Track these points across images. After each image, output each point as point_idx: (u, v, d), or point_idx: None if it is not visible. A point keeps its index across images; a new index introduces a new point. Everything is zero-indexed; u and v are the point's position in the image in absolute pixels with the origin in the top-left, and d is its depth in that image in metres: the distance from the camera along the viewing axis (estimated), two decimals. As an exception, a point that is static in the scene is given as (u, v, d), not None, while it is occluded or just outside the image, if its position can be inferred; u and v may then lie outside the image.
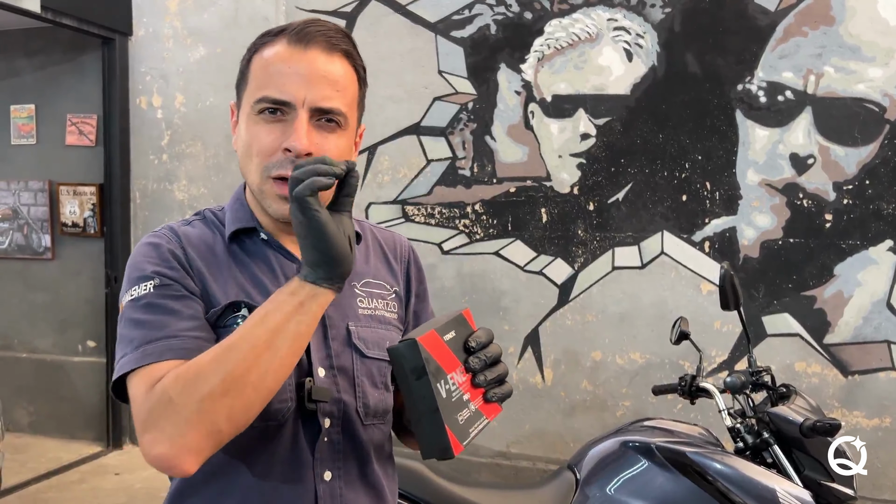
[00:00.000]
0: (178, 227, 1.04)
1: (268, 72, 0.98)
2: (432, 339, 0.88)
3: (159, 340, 0.91)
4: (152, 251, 0.99)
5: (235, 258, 1.03)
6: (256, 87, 0.99)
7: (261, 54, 1.00)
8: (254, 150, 0.98)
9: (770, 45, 3.34)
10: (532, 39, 3.64)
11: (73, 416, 4.43)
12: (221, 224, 1.06)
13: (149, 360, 0.90)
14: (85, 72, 4.39)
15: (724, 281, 2.08)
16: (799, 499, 1.82)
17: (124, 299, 0.96)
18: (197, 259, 1.00)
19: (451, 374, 0.89)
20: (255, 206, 1.05)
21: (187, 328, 0.93)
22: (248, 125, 0.99)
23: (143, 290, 0.95)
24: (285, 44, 0.99)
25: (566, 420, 3.69)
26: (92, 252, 4.41)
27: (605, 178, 3.59)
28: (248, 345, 0.86)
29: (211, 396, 0.84)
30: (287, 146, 0.96)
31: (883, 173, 3.24)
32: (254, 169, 0.99)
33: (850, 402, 3.31)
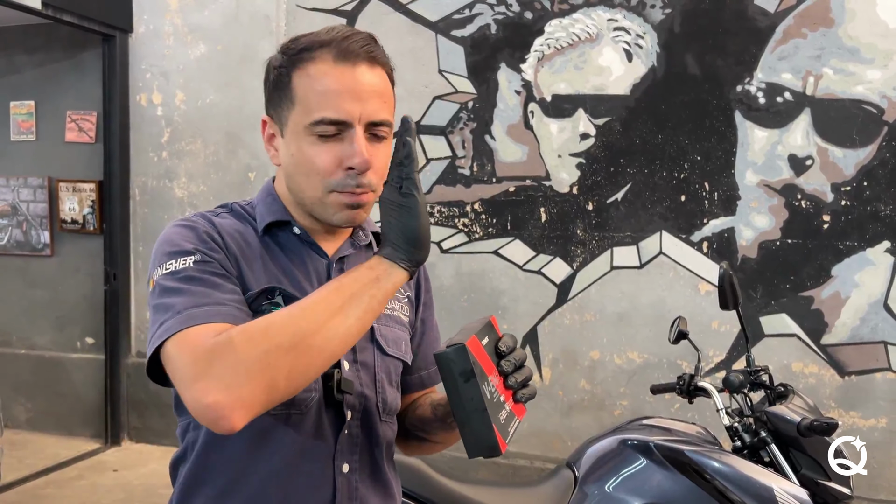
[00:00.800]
0: (207, 214, 1.05)
1: (320, 92, 0.98)
2: (475, 344, 0.93)
3: (206, 305, 0.90)
4: (189, 232, 0.98)
5: (268, 249, 1.04)
6: (310, 109, 0.98)
7: (305, 72, 0.99)
8: (312, 168, 0.99)
9: (769, 46, 3.35)
10: (532, 39, 3.65)
11: (72, 413, 4.43)
12: (251, 217, 1.07)
13: (195, 322, 0.87)
14: (85, 69, 4.39)
15: (724, 280, 2.09)
16: (796, 497, 1.83)
17: (158, 272, 0.94)
18: (232, 245, 1.01)
19: (490, 376, 0.94)
20: (288, 201, 1.06)
21: (229, 299, 0.92)
22: (303, 146, 0.99)
23: (183, 264, 0.93)
24: (331, 62, 0.98)
25: (564, 419, 3.70)
26: (91, 249, 4.41)
27: (604, 178, 3.60)
28: (322, 307, 0.87)
29: (278, 349, 0.83)
30: (351, 164, 0.98)
31: (881, 175, 3.25)
32: (313, 186, 1.00)
33: (847, 403, 3.33)
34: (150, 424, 4.31)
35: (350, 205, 1.00)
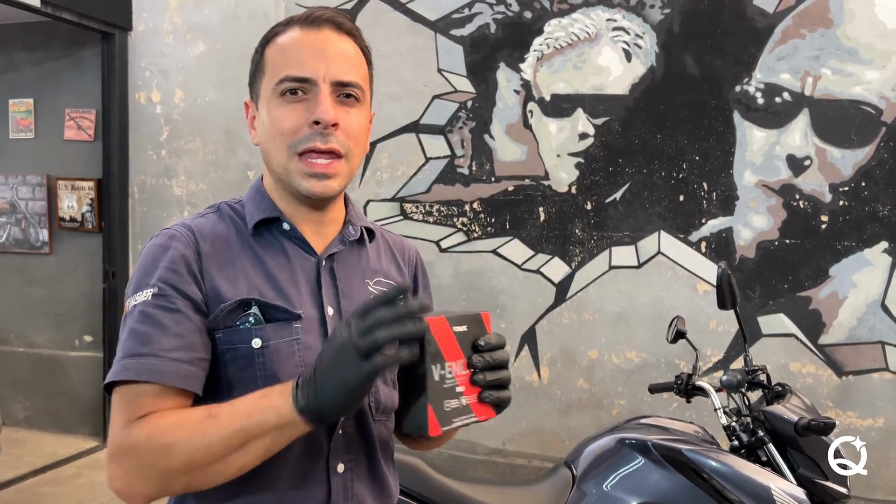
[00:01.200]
0: (192, 220, 1.05)
1: (285, 54, 1.01)
2: (440, 324, 0.91)
3: (141, 357, 0.94)
4: (160, 253, 0.99)
5: (252, 252, 1.03)
6: (276, 71, 1.01)
7: (275, 42, 1.03)
8: (278, 130, 1.00)
9: (768, 46, 3.36)
10: (531, 39, 3.65)
11: (70, 411, 4.43)
12: (239, 217, 1.07)
13: (128, 375, 0.94)
14: (84, 67, 4.39)
15: (722, 280, 2.09)
16: (793, 497, 1.84)
17: (129, 303, 0.99)
18: (209, 255, 1.01)
19: (450, 362, 0.92)
20: (276, 196, 1.06)
21: (170, 347, 0.94)
22: (271, 109, 1.01)
23: (142, 297, 0.97)
24: (298, 28, 1.02)
25: (562, 418, 3.71)
26: (90, 247, 4.41)
27: (602, 177, 3.60)
28: (224, 443, 0.89)
29: (175, 471, 0.90)
30: (315, 118, 0.98)
31: (879, 175, 3.26)
32: (278, 148, 1.01)
33: (844, 403, 3.34)
34: (148, 423, 4.30)
35: (313, 174, 1.00)
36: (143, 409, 0.94)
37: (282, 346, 0.99)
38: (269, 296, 1.00)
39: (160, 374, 0.93)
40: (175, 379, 0.94)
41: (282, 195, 1.06)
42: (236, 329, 0.98)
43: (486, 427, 3.80)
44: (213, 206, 1.10)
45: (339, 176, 1.01)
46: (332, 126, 0.98)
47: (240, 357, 0.99)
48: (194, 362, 0.96)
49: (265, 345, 0.99)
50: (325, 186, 1.01)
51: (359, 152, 1.05)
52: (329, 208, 1.08)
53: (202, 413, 0.91)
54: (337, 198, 1.08)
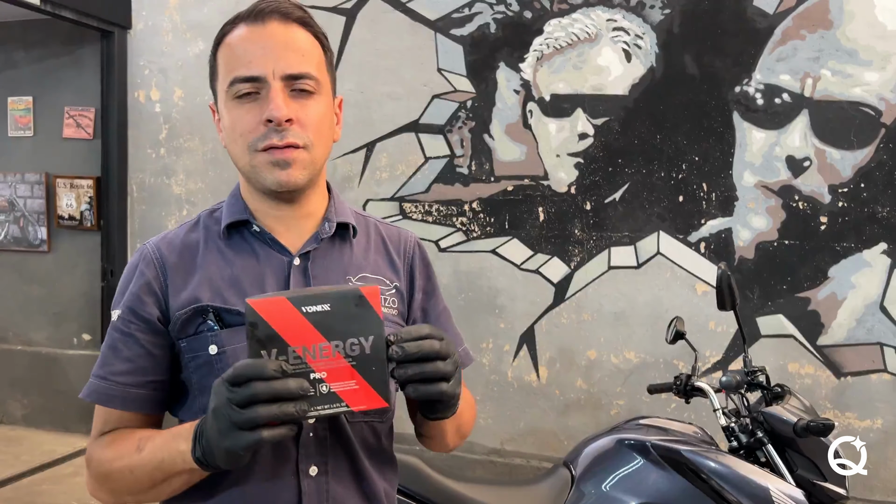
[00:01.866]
0: (167, 233, 1.10)
1: (233, 55, 1.00)
2: (277, 305, 0.83)
3: (97, 378, 1.04)
4: (129, 272, 1.06)
5: (220, 256, 1.05)
6: (227, 73, 1.00)
7: (224, 43, 1.02)
8: (237, 132, 0.99)
9: (768, 47, 3.36)
10: (531, 39, 3.65)
11: (68, 409, 4.42)
12: (216, 222, 1.09)
13: (84, 393, 1.05)
14: (83, 65, 4.38)
15: (722, 281, 2.09)
16: (792, 497, 1.84)
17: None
18: (175, 267, 1.04)
19: (297, 346, 0.84)
20: (249, 198, 1.07)
21: (119, 371, 1.02)
22: (228, 111, 1.01)
23: (114, 316, 1.05)
24: (243, 25, 1.01)
25: (560, 418, 3.71)
26: (88, 245, 4.41)
27: (602, 177, 3.60)
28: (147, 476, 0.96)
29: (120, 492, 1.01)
30: (267, 117, 0.96)
31: (878, 177, 3.26)
32: (241, 150, 1.01)
33: (843, 404, 3.34)
34: (146, 421, 4.30)
35: (275, 162, 0.98)
36: (107, 424, 1.04)
37: (239, 350, 0.97)
38: (229, 300, 1.00)
39: (107, 399, 1.02)
40: (122, 404, 1.02)
41: (254, 195, 1.06)
42: (196, 336, 1.01)
43: (485, 427, 3.80)
44: (196, 216, 1.14)
45: (299, 163, 0.99)
46: (286, 122, 0.97)
47: (201, 365, 1.00)
48: (144, 385, 1.02)
49: (221, 350, 0.99)
50: (289, 175, 0.99)
51: (322, 142, 1.03)
52: (301, 203, 1.06)
53: (133, 446, 0.98)
54: (309, 191, 1.06)
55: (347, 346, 0.85)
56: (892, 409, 3.29)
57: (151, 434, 0.99)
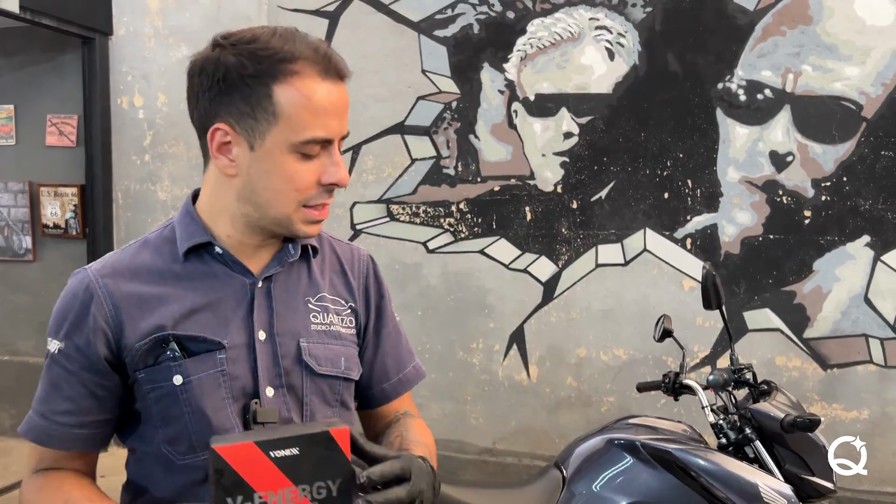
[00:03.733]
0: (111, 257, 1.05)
1: (312, 111, 0.94)
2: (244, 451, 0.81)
3: (37, 416, 1.02)
4: (71, 304, 1.01)
5: (177, 281, 1.00)
6: (301, 127, 0.94)
7: (292, 87, 0.94)
8: (292, 186, 0.96)
9: (749, 44, 3.38)
10: (515, 39, 3.66)
11: (57, 419, 4.40)
12: (169, 242, 1.04)
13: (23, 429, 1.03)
14: (65, 72, 4.35)
15: (707, 281, 2.11)
16: (780, 493, 1.86)
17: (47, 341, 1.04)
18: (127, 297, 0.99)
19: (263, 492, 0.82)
20: (211, 219, 1.02)
21: (61, 410, 1.00)
22: (285, 163, 0.95)
23: (51, 348, 1.02)
24: (318, 79, 0.95)
25: (551, 416, 3.72)
26: (74, 254, 4.37)
27: (588, 176, 3.62)
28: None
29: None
30: (333, 181, 0.97)
31: (860, 170, 3.30)
32: (286, 201, 0.97)
33: (829, 396, 3.38)
34: (136, 429, 4.28)
35: (315, 220, 1.00)
36: (42, 462, 1.03)
37: (205, 379, 0.97)
38: (190, 328, 0.98)
39: (48, 439, 1.01)
40: (60, 444, 1.00)
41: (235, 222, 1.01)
42: (158, 367, 0.97)
43: (476, 427, 3.81)
44: (144, 235, 1.09)
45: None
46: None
47: (164, 395, 0.97)
48: (86, 425, 1.01)
49: (187, 380, 0.97)
50: (318, 229, 1.03)
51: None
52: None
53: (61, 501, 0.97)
54: None
55: (314, 489, 0.84)
56: (878, 400, 3.33)
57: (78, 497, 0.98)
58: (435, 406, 3.84)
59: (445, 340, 3.80)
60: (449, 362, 3.80)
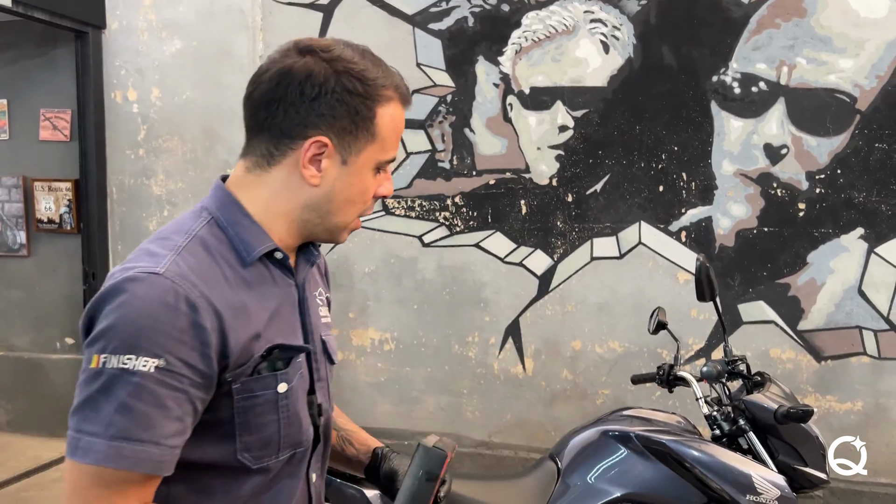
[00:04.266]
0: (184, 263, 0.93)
1: (396, 134, 1.02)
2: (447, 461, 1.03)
3: (141, 443, 0.87)
4: (165, 315, 0.88)
5: (247, 287, 0.98)
6: (387, 148, 1.02)
7: (387, 111, 1.00)
8: (362, 198, 1.03)
9: (744, 36, 3.38)
10: (510, 32, 3.65)
11: (53, 414, 4.38)
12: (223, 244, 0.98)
13: (123, 464, 0.86)
14: (58, 66, 4.32)
15: (700, 273, 2.12)
16: (774, 483, 1.88)
17: (113, 360, 0.87)
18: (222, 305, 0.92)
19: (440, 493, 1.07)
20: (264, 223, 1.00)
21: (170, 433, 0.88)
22: (366, 178, 1.02)
23: (142, 366, 0.86)
24: (399, 106, 1.03)
25: (547, 409, 3.73)
26: (68, 248, 4.36)
27: (583, 169, 3.62)
28: None
29: None
30: (385, 194, 1.05)
31: (854, 163, 3.30)
32: (351, 210, 1.03)
33: (823, 387, 3.39)
34: (133, 424, 4.28)
35: (354, 230, 1.07)
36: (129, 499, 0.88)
37: (297, 384, 1.01)
38: (276, 336, 0.98)
39: (159, 466, 0.88)
40: (169, 468, 0.90)
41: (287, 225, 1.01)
42: (259, 377, 0.95)
43: (472, 420, 3.82)
44: (189, 232, 0.98)
45: None
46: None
47: (261, 403, 0.96)
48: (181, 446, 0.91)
49: (289, 388, 0.98)
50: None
51: None
52: None
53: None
54: None
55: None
56: (872, 392, 3.35)
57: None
58: (431, 399, 3.85)
59: (441, 334, 3.80)
60: (445, 356, 3.81)
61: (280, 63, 0.97)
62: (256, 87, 0.98)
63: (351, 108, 0.97)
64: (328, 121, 0.96)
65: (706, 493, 1.88)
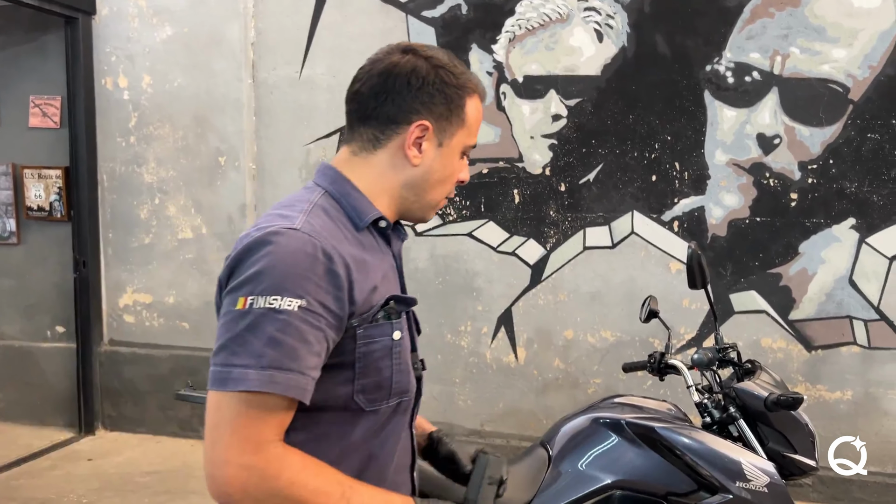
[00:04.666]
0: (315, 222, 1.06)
1: (477, 123, 1.19)
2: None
3: (290, 371, 0.98)
4: (310, 264, 1.00)
5: (362, 248, 1.11)
6: (472, 134, 1.18)
7: (473, 103, 1.17)
8: (451, 180, 1.19)
9: (737, 26, 3.38)
10: (503, 20, 3.64)
11: (44, 403, 4.38)
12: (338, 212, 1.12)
13: (276, 389, 0.97)
14: (48, 52, 4.28)
15: (692, 260, 2.12)
16: (763, 470, 1.88)
17: (261, 301, 0.98)
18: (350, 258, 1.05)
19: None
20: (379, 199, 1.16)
21: (312, 366, 1.00)
22: (454, 161, 1.18)
23: (287, 305, 0.98)
24: (479, 99, 1.18)
25: (539, 398, 3.74)
26: (59, 236, 4.34)
27: (576, 158, 3.61)
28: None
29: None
30: (464, 179, 1.21)
31: (846, 153, 3.31)
32: (443, 191, 1.19)
33: (814, 377, 3.41)
34: (124, 413, 4.27)
35: (438, 210, 1.23)
36: (273, 426, 0.99)
37: (405, 335, 1.13)
38: (389, 290, 1.11)
39: (304, 393, 0.99)
40: (310, 396, 1.01)
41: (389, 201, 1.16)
42: (378, 324, 1.08)
43: (465, 408, 3.83)
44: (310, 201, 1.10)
45: None
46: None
47: (378, 349, 1.08)
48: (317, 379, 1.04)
49: (402, 336, 1.11)
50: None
51: None
52: None
53: (339, 491, 1.01)
54: None
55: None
56: (862, 381, 3.36)
57: (353, 484, 1.03)
58: (423, 388, 3.84)
59: (434, 323, 3.80)
60: (437, 345, 3.81)
61: (386, 60, 1.14)
62: (365, 82, 1.14)
63: (447, 97, 1.13)
64: (429, 107, 1.12)
65: (696, 480, 1.88)
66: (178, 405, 4.04)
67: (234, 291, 1.00)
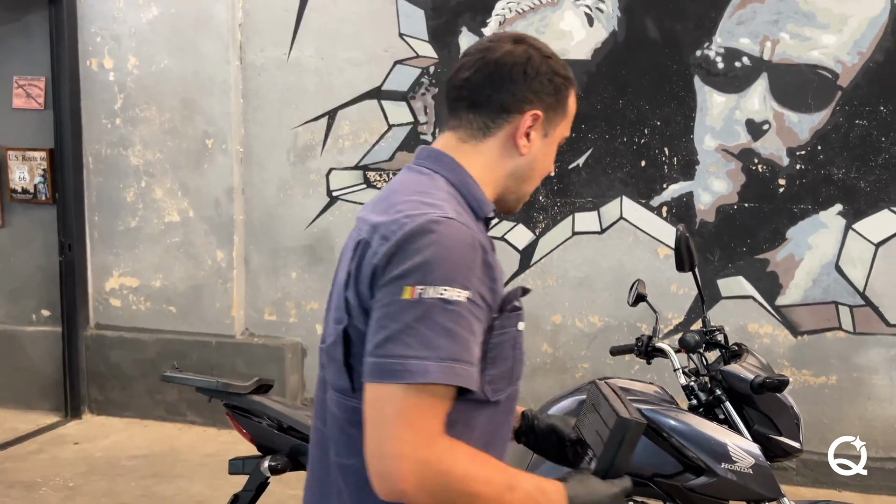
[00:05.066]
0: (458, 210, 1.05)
1: (573, 115, 1.20)
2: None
3: (467, 364, 0.97)
4: (473, 256, 1.00)
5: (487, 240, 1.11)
6: (569, 125, 1.19)
7: (573, 96, 1.18)
8: (547, 171, 1.20)
9: (728, 11, 3.37)
10: (493, 3, 3.61)
11: (29, 387, 4.34)
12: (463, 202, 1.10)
13: (456, 381, 0.96)
14: (31, 32, 4.22)
15: (680, 242, 2.12)
16: (749, 452, 1.89)
17: (431, 291, 0.96)
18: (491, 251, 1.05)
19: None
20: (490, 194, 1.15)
21: (478, 356, 1.00)
22: (553, 149, 1.19)
23: (457, 296, 0.97)
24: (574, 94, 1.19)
25: (527, 382, 3.74)
26: (43, 219, 4.29)
27: (565, 143, 3.58)
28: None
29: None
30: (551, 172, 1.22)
31: (834, 139, 3.32)
32: (534, 181, 1.19)
33: (799, 361, 3.43)
34: (110, 397, 4.25)
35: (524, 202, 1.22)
36: (442, 419, 0.98)
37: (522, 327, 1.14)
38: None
39: (475, 382, 1.00)
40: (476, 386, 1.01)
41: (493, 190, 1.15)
42: (510, 314, 1.07)
43: (453, 393, 3.83)
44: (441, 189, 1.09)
45: None
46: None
47: (507, 339, 1.08)
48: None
49: (523, 328, 1.13)
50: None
51: None
52: None
53: (505, 480, 0.99)
54: None
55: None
56: (846, 366, 3.39)
57: (512, 471, 1.02)
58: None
59: (422, 307, 3.79)
60: (425, 329, 3.80)
61: (500, 49, 1.12)
62: (478, 70, 1.12)
63: (556, 88, 1.14)
64: (541, 97, 1.12)
65: (682, 462, 1.90)
66: (165, 389, 4.02)
67: (398, 280, 0.96)
